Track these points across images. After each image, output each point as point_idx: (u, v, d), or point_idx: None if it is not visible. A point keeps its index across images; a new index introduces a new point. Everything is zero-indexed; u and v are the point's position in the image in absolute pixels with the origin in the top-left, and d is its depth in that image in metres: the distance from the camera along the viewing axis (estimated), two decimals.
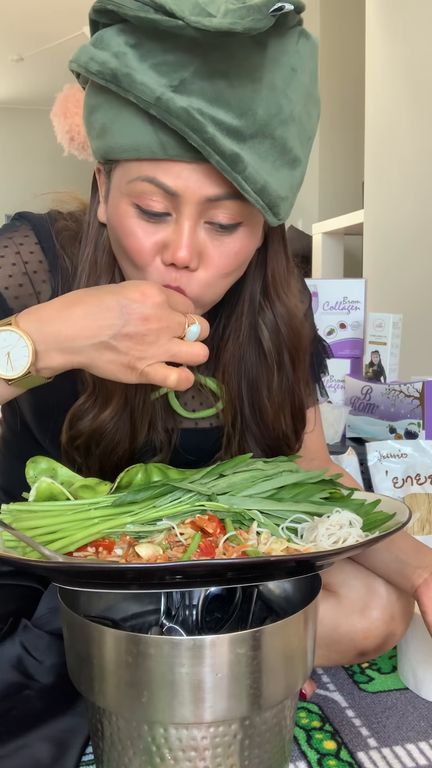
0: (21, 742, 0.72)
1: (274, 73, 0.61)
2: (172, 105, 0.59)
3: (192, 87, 0.60)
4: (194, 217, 0.65)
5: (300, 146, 0.66)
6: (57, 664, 0.81)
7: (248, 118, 0.61)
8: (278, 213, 0.65)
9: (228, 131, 0.60)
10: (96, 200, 0.76)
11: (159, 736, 0.63)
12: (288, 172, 0.65)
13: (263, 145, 0.62)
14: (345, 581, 0.86)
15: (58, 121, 4.52)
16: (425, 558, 0.82)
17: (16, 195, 0.83)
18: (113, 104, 0.64)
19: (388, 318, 1.52)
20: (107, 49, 0.62)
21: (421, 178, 2.35)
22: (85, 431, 0.77)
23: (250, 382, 0.83)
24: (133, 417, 0.78)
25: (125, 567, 0.60)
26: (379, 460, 1.36)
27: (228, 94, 0.60)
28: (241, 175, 0.61)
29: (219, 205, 0.65)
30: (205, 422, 0.87)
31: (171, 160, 0.63)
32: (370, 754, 0.83)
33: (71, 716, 0.77)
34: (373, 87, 2.69)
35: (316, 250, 3.38)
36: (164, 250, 0.67)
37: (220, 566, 0.60)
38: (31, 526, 0.68)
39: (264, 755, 0.67)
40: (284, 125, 0.63)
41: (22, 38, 5.08)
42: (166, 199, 0.65)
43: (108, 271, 0.76)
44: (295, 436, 0.87)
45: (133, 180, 0.65)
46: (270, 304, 0.81)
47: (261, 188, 0.62)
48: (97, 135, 0.67)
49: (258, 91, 0.60)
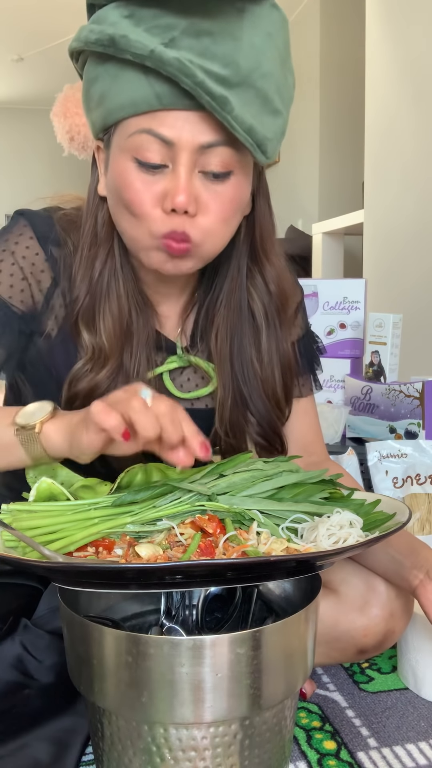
0: (21, 742, 0.72)
1: (252, 34, 0.68)
2: (165, 56, 0.66)
3: (181, 43, 0.67)
4: (189, 165, 0.71)
5: (280, 100, 0.72)
6: (57, 663, 0.81)
7: (233, 68, 0.67)
8: (266, 152, 0.72)
9: (216, 78, 0.67)
10: (95, 177, 0.82)
11: (159, 736, 0.63)
12: (271, 119, 0.72)
13: (247, 94, 0.69)
14: (345, 579, 0.86)
15: (58, 121, 4.52)
16: (420, 557, 0.82)
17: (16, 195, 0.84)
18: (111, 71, 0.70)
19: (388, 318, 1.52)
20: (104, 22, 0.69)
21: (421, 178, 2.35)
22: (83, 392, 0.81)
23: (241, 344, 0.87)
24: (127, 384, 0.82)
25: (125, 567, 0.60)
26: (379, 460, 1.36)
27: (213, 48, 0.67)
28: (230, 115, 0.67)
29: (212, 152, 0.71)
30: (201, 403, 0.89)
31: (166, 109, 0.69)
32: (370, 754, 0.83)
33: (71, 716, 0.77)
34: (373, 87, 2.69)
35: (316, 250, 3.38)
36: (164, 199, 0.72)
37: (220, 566, 0.60)
38: (31, 526, 0.68)
39: (264, 755, 0.67)
40: (264, 79, 0.69)
41: (22, 38, 5.08)
42: (163, 149, 0.71)
43: (107, 241, 0.82)
44: (285, 396, 0.90)
45: (131, 134, 0.71)
46: (260, 267, 0.86)
47: (249, 128, 0.69)
48: (96, 105, 0.74)
49: (240, 48, 0.68)
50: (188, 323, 0.90)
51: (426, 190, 2.33)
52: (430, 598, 0.79)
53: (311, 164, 4.27)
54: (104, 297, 0.82)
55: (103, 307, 0.82)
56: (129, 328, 0.83)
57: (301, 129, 4.39)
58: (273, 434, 0.90)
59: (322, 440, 1.01)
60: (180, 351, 0.88)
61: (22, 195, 0.88)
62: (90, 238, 0.82)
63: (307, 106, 4.26)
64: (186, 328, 0.90)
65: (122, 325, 0.83)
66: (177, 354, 0.88)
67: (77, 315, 0.82)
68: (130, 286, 0.84)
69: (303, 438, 0.98)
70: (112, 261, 0.83)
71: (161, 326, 0.89)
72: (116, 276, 0.83)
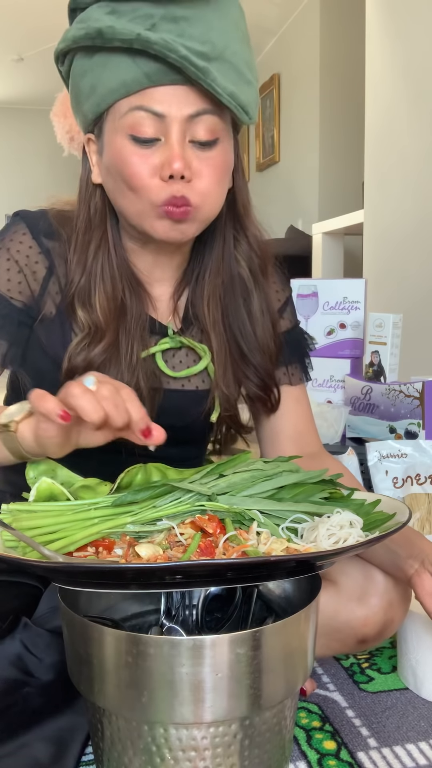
0: (21, 742, 0.73)
1: (219, 18, 0.77)
2: (150, 37, 0.73)
3: (161, 27, 0.74)
4: (180, 134, 0.78)
5: (250, 73, 0.80)
6: (57, 661, 0.81)
7: (209, 45, 0.75)
8: (249, 113, 0.80)
9: (196, 53, 0.75)
10: (87, 168, 0.87)
11: (159, 736, 0.63)
12: (246, 87, 0.80)
13: (223, 66, 0.77)
14: (343, 570, 0.86)
15: (58, 121, 4.52)
16: (415, 548, 0.82)
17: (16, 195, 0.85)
18: (99, 61, 0.77)
19: (388, 318, 1.52)
20: (88, 21, 0.76)
21: (421, 177, 2.35)
22: (80, 367, 0.85)
23: (235, 307, 0.93)
24: (121, 362, 0.87)
25: (125, 567, 0.60)
26: (379, 460, 1.36)
27: (190, 30, 0.75)
28: (213, 83, 0.75)
29: (199, 121, 0.78)
30: (192, 384, 0.93)
31: (154, 86, 0.76)
32: (370, 754, 0.83)
33: (71, 715, 0.77)
34: (373, 87, 2.69)
35: (316, 250, 3.38)
36: (161, 169, 0.78)
37: (220, 566, 0.60)
38: (31, 526, 0.68)
39: (264, 755, 0.67)
40: (235, 55, 0.78)
41: (22, 38, 5.08)
42: (156, 123, 0.77)
43: (100, 227, 0.87)
44: (276, 347, 0.95)
45: (125, 114, 0.78)
46: (244, 232, 0.93)
47: (231, 93, 0.77)
48: (87, 96, 0.80)
49: (211, 29, 0.76)
50: (180, 305, 0.94)
51: (426, 190, 2.33)
52: (425, 587, 0.80)
53: (311, 164, 4.27)
54: (98, 277, 0.87)
55: (97, 286, 0.87)
56: (123, 305, 0.88)
57: (301, 129, 4.39)
58: (270, 381, 0.96)
59: (315, 430, 1.03)
60: (171, 332, 0.92)
61: (21, 195, 0.90)
62: (84, 225, 0.88)
63: (307, 106, 4.26)
64: (178, 310, 0.94)
65: (116, 303, 0.87)
66: (169, 335, 0.92)
67: (73, 295, 0.87)
68: (123, 268, 0.89)
69: (295, 427, 1.00)
70: (105, 245, 0.88)
71: (154, 310, 0.93)
72: (110, 259, 0.88)
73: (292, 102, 4.48)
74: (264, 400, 0.96)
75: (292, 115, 4.51)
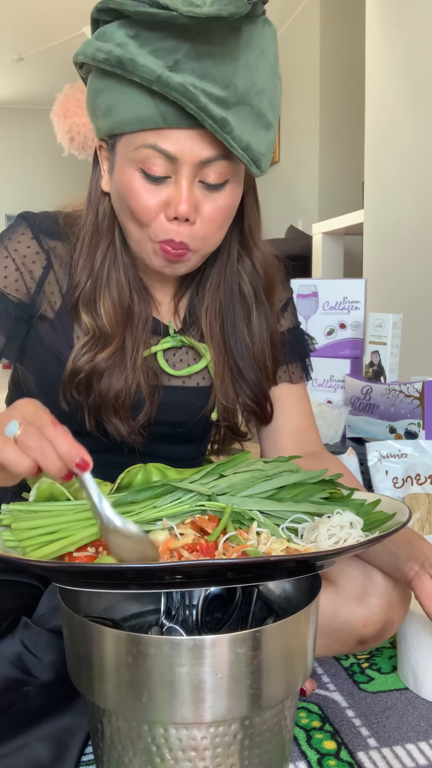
0: (21, 741, 0.73)
1: (248, 53, 0.74)
2: (170, 81, 0.71)
3: (184, 66, 0.71)
4: (191, 177, 0.77)
5: (271, 113, 0.78)
6: (57, 661, 0.81)
7: (231, 89, 0.73)
8: (260, 166, 0.78)
9: (216, 100, 0.72)
10: (98, 173, 0.87)
11: (159, 736, 0.63)
12: (264, 133, 0.77)
13: (244, 112, 0.75)
14: (343, 570, 0.86)
15: (58, 121, 4.52)
16: (414, 550, 0.82)
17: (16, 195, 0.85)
18: (117, 86, 0.75)
19: (388, 318, 1.52)
20: (110, 41, 0.74)
21: (421, 178, 2.35)
22: (85, 369, 0.86)
23: (234, 322, 0.93)
24: (126, 364, 0.88)
25: (125, 567, 0.60)
26: (379, 460, 1.36)
27: (213, 71, 0.72)
28: (230, 135, 0.73)
29: (210, 165, 0.77)
30: (192, 381, 0.94)
31: (170, 128, 0.74)
32: (370, 754, 0.83)
33: (71, 714, 0.77)
34: (373, 87, 2.69)
35: (316, 250, 3.38)
36: (167, 207, 0.78)
37: (220, 566, 0.60)
38: (31, 526, 0.68)
39: (264, 755, 0.67)
40: (258, 95, 0.75)
41: (22, 38, 5.08)
42: (167, 163, 0.76)
43: (108, 234, 0.87)
44: (273, 366, 0.96)
45: (137, 148, 0.76)
46: (248, 252, 0.93)
47: (246, 146, 0.75)
48: (103, 114, 0.78)
49: (237, 68, 0.73)
50: (181, 307, 0.95)
51: (426, 190, 2.33)
52: (425, 589, 0.80)
53: (311, 164, 4.27)
54: (105, 283, 0.88)
55: (103, 293, 0.88)
56: (130, 311, 0.89)
57: (301, 129, 4.39)
58: (263, 398, 0.96)
59: (315, 428, 1.04)
60: (172, 332, 0.93)
61: (21, 195, 0.90)
62: (91, 229, 0.88)
63: (307, 106, 4.26)
64: (179, 311, 0.95)
65: (123, 309, 0.88)
66: (170, 335, 0.92)
67: (77, 298, 0.88)
68: (130, 274, 0.89)
69: (297, 425, 1.00)
70: (113, 251, 0.88)
71: (158, 311, 0.94)
72: (117, 265, 0.88)
73: (292, 102, 4.48)
74: (257, 413, 0.97)
75: (292, 115, 4.51)
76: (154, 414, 0.91)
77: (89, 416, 0.88)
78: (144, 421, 0.90)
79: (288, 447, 0.98)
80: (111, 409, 0.88)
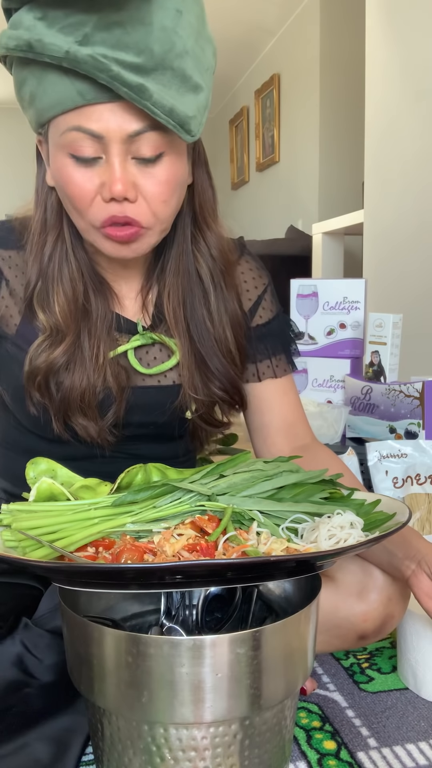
0: (21, 742, 0.73)
1: (161, 16, 0.70)
2: (79, 55, 0.68)
3: (94, 38, 0.69)
4: (121, 154, 0.74)
5: (199, 75, 0.75)
6: (57, 662, 0.81)
7: (146, 54, 0.70)
8: (190, 130, 0.74)
9: (131, 68, 0.69)
10: (42, 168, 0.85)
11: (159, 736, 0.63)
12: (192, 96, 0.74)
13: (165, 76, 0.71)
14: (342, 565, 0.86)
15: None
16: (412, 548, 0.82)
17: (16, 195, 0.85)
18: (35, 73, 0.73)
19: (388, 318, 1.52)
20: (21, 27, 0.71)
21: (422, 178, 2.35)
22: (42, 369, 0.85)
23: (193, 306, 0.91)
24: (86, 362, 0.86)
25: (125, 567, 0.60)
26: (379, 460, 1.36)
27: (126, 38, 0.69)
28: (149, 101, 0.70)
29: (140, 139, 0.74)
30: (168, 380, 0.92)
31: (90, 104, 0.72)
32: (370, 754, 0.83)
33: (71, 715, 0.77)
34: (373, 87, 2.69)
35: (316, 250, 3.38)
36: (102, 189, 0.75)
37: (220, 566, 0.60)
38: (31, 526, 0.68)
39: (264, 755, 0.67)
40: (180, 58, 0.72)
41: None
42: (94, 143, 0.74)
43: (55, 228, 0.86)
44: (239, 353, 0.94)
45: (63, 132, 0.74)
46: (201, 233, 0.90)
47: (169, 110, 0.71)
48: (28, 104, 0.77)
49: (151, 32, 0.70)
50: (149, 302, 0.93)
51: (426, 190, 2.33)
52: (423, 588, 0.80)
53: (311, 164, 4.27)
54: (57, 279, 0.86)
55: (56, 288, 0.86)
56: (85, 307, 0.87)
57: (301, 129, 4.39)
58: (233, 389, 0.94)
59: (305, 421, 1.02)
60: (141, 329, 0.91)
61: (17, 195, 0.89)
62: (39, 225, 0.86)
63: (307, 106, 4.26)
64: (147, 306, 0.93)
65: (77, 304, 0.86)
66: (139, 332, 0.91)
67: (31, 297, 0.87)
68: (85, 268, 0.88)
69: (285, 419, 0.99)
70: (63, 245, 0.86)
71: (122, 308, 0.92)
72: (68, 259, 0.87)
73: (292, 102, 4.48)
74: (228, 402, 0.95)
75: (292, 115, 4.51)
76: (122, 413, 0.89)
77: (56, 418, 0.87)
78: (113, 420, 0.89)
79: (278, 442, 0.98)
80: (77, 410, 0.87)
